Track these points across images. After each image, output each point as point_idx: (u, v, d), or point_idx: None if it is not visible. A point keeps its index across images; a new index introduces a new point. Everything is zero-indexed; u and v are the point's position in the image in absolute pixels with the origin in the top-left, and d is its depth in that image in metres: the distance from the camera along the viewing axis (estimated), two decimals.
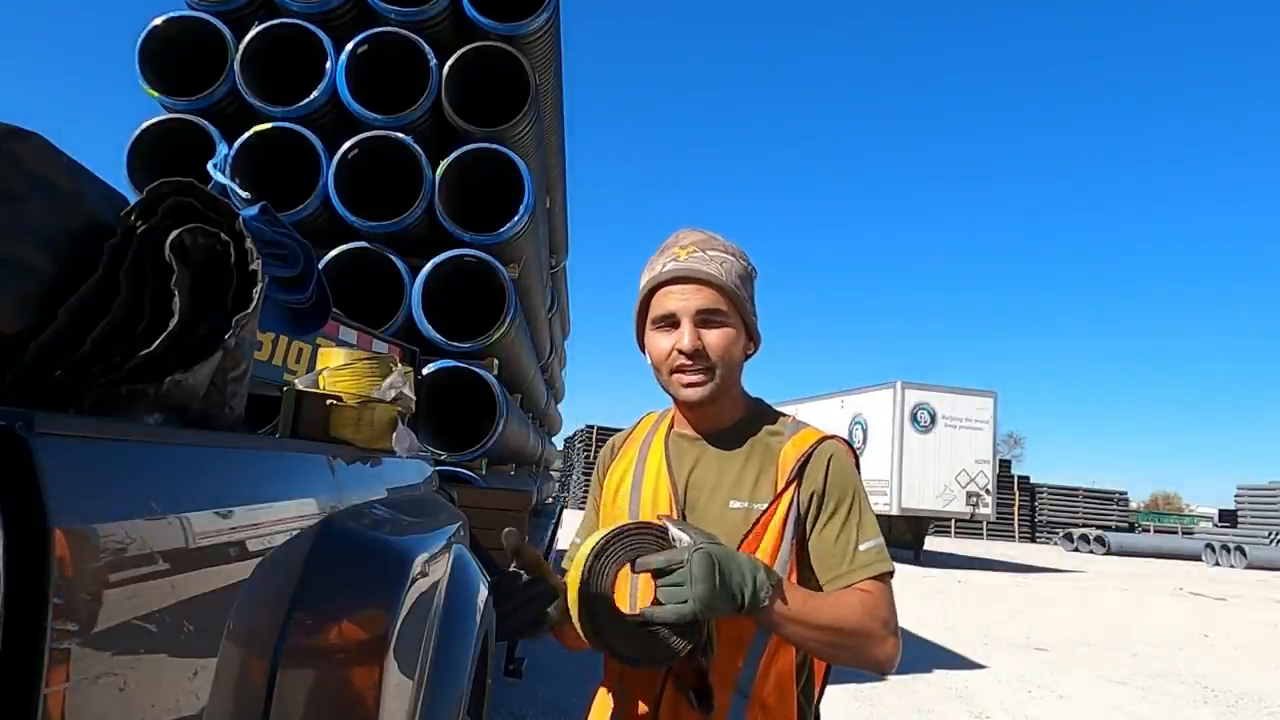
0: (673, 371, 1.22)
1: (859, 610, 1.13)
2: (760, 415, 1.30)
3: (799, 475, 1.20)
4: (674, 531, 1.10)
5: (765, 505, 1.19)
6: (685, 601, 1.01)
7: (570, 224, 10.71)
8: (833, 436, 1.27)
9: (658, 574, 1.05)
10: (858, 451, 1.30)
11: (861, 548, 1.18)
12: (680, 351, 1.19)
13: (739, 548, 1.17)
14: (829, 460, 1.22)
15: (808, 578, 1.20)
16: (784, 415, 1.32)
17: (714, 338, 1.20)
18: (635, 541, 1.09)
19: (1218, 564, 23.79)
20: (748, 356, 1.28)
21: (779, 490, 1.20)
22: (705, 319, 1.20)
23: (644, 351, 1.29)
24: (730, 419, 1.28)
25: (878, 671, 1.17)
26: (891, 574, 1.20)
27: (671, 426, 1.34)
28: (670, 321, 1.21)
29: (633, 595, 1.22)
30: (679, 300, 1.20)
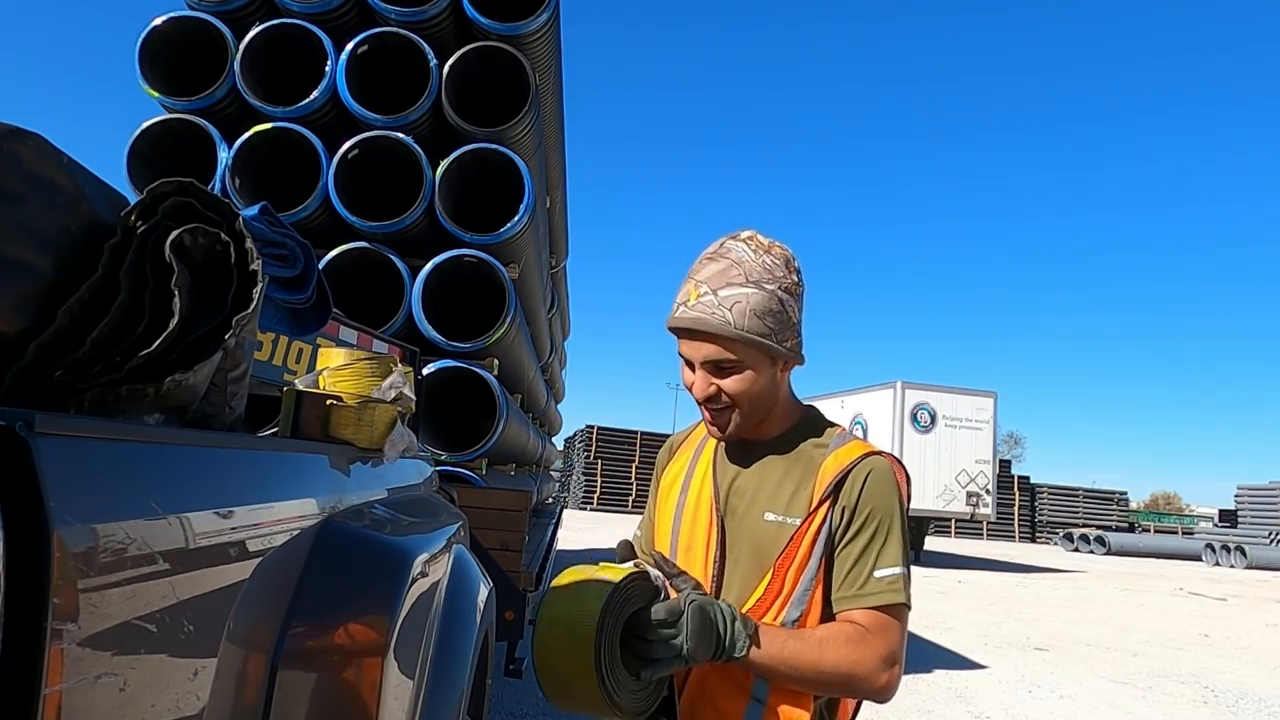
0: (699, 404, 1.23)
1: (847, 650, 1.10)
2: (810, 426, 1.28)
3: (835, 491, 1.18)
4: (655, 574, 1.12)
5: (799, 519, 1.18)
6: (679, 653, 1.04)
7: (570, 224, 10.72)
8: (879, 453, 1.22)
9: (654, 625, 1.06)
10: (901, 468, 1.23)
11: (878, 574, 1.14)
12: (697, 397, 1.22)
13: (775, 563, 1.17)
14: (866, 477, 1.18)
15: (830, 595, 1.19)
16: (835, 427, 1.29)
17: (728, 384, 1.19)
18: (629, 596, 1.08)
19: (1218, 564, 23.80)
20: (793, 367, 1.26)
21: (813, 506, 1.18)
22: (718, 368, 1.18)
23: None
24: (777, 429, 1.27)
25: (873, 701, 1.16)
26: (905, 605, 1.15)
27: None
28: (689, 362, 1.22)
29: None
30: (689, 349, 1.20)
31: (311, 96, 4.76)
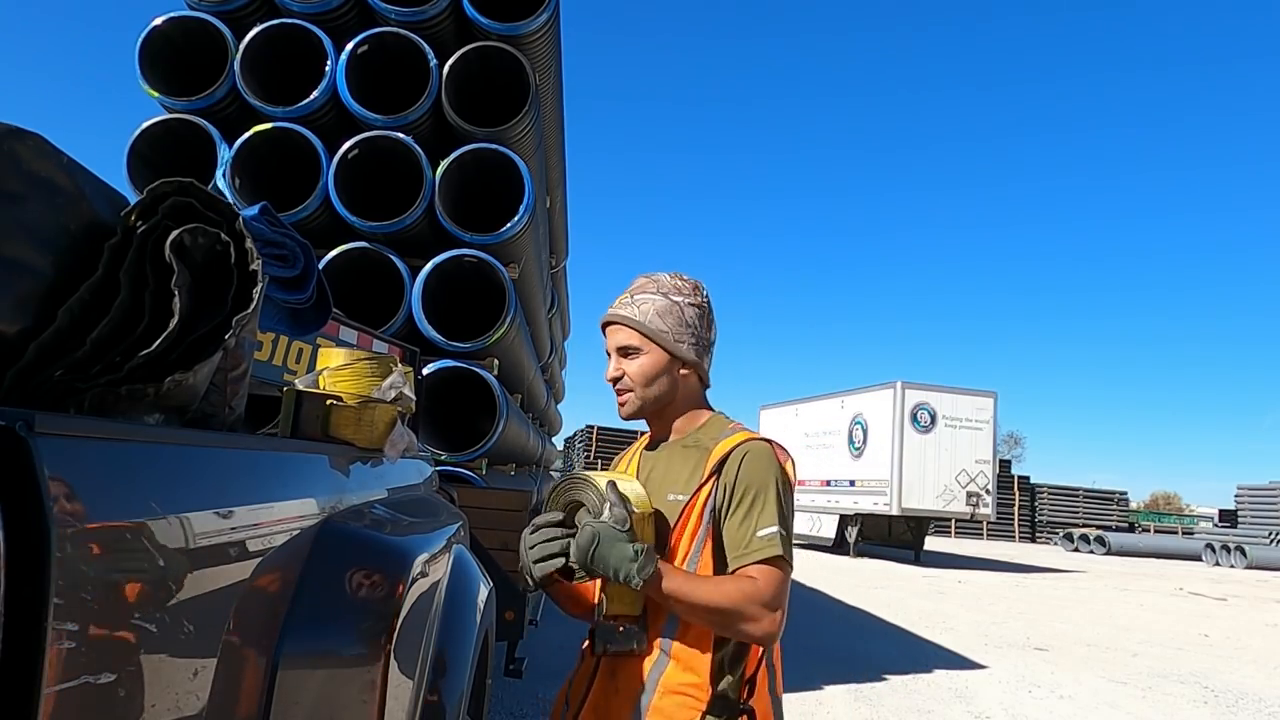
0: (613, 388, 1.52)
1: (738, 594, 1.32)
2: (711, 425, 1.52)
3: (719, 470, 1.42)
4: (604, 490, 1.35)
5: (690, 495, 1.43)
6: (566, 553, 1.31)
7: (570, 225, 10.71)
8: (759, 438, 1.46)
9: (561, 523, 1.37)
10: (782, 450, 1.46)
11: (760, 534, 1.36)
12: (608, 379, 1.51)
13: (672, 532, 1.41)
14: (743, 457, 1.41)
15: (721, 557, 1.39)
16: (735, 426, 1.52)
17: (631, 366, 1.48)
18: (581, 489, 1.39)
19: (1218, 564, 23.77)
20: (701, 379, 1.53)
21: (701, 482, 1.42)
22: (625, 352, 1.48)
23: None
24: (685, 428, 1.53)
25: (759, 644, 1.37)
26: (784, 558, 1.36)
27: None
28: (609, 352, 1.52)
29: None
30: (608, 339, 1.52)
31: (311, 96, 4.76)
